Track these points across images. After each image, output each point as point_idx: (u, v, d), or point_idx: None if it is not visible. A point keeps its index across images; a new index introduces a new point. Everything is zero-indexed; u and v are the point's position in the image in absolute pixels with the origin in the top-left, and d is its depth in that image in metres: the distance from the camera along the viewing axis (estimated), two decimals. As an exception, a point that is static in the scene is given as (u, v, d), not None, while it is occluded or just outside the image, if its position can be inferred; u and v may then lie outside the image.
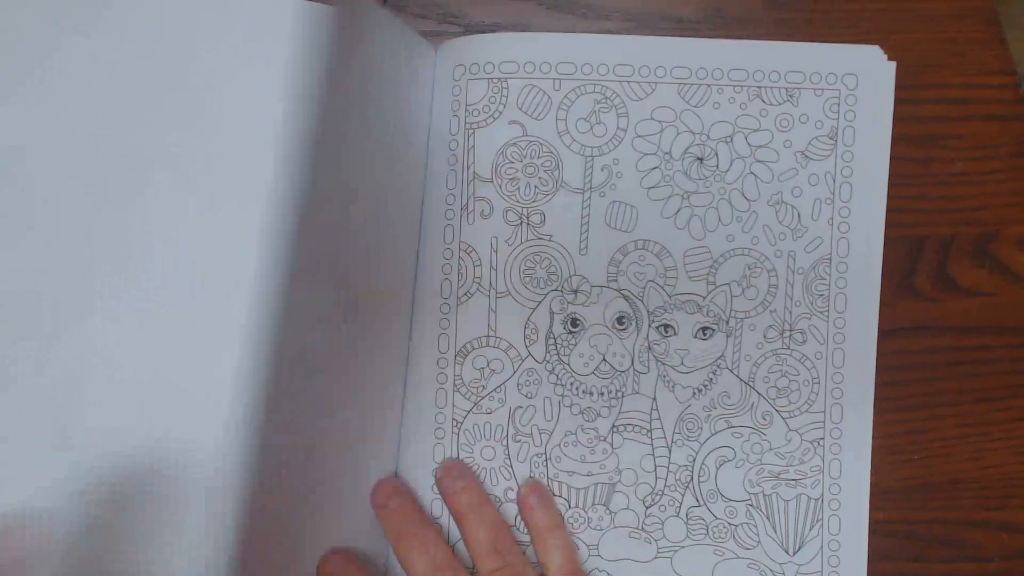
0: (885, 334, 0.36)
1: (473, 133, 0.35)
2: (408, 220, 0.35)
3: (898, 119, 0.35)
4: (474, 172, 0.35)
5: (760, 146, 0.35)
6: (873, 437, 0.35)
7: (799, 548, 0.35)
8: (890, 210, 0.35)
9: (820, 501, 0.35)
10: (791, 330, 0.35)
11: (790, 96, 0.35)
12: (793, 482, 0.35)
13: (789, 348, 0.35)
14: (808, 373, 0.35)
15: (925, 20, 0.37)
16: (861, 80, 0.35)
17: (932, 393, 0.37)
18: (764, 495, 0.35)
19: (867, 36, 0.34)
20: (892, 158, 0.35)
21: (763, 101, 0.35)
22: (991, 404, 0.37)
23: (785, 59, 0.35)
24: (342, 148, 0.32)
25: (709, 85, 0.35)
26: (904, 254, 0.37)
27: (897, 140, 0.36)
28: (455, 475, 0.34)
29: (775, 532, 0.35)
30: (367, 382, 0.33)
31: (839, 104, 0.35)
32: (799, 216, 0.35)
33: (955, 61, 0.37)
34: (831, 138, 0.35)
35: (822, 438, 0.35)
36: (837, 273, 0.35)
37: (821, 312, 0.35)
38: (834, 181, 0.35)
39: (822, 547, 0.35)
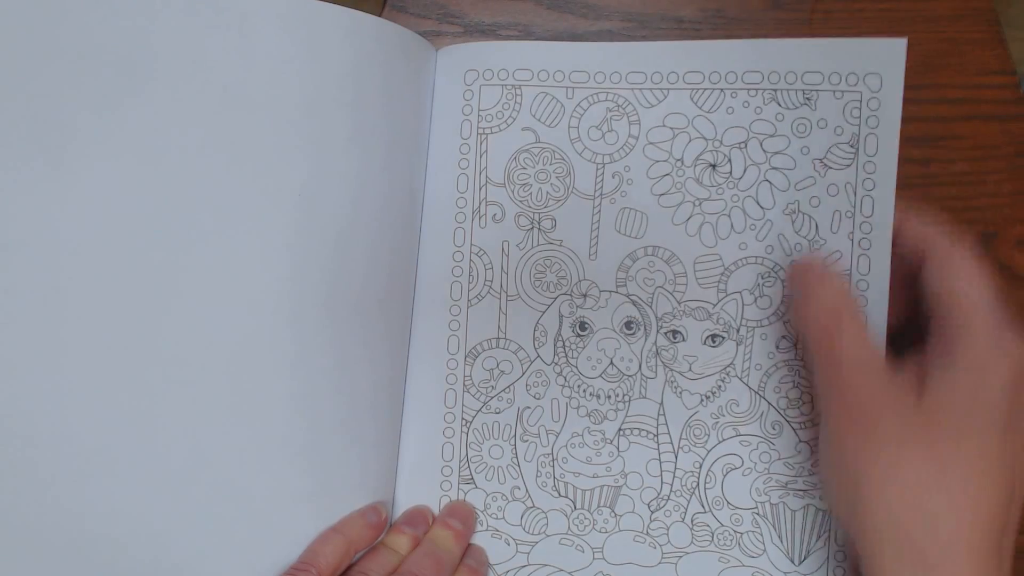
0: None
1: (486, 138, 0.36)
2: (409, 219, 0.36)
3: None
4: (486, 176, 0.36)
5: (776, 152, 0.35)
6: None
7: (805, 558, 0.35)
8: (891, 210, 0.35)
9: (829, 513, 0.35)
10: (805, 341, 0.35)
11: (807, 99, 0.35)
12: (801, 492, 0.35)
13: (802, 360, 0.35)
14: None
15: (925, 20, 0.37)
16: (886, 81, 0.34)
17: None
18: (771, 504, 0.35)
19: (868, 37, 0.34)
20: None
21: (779, 105, 0.35)
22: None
23: (802, 58, 0.34)
24: (343, 148, 0.33)
25: (722, 89, 0.35)
26: (904, 254, 0.37)
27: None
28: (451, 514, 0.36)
29: (781, 541, 0.35)
30: (365, 384, 0.34)
31: (861, 108, 0.34)
32: (817, 227, 0.34)
33: (955, 61, 0.37)
34: (852, 146, 0.34)
35: None
36: (857, 291, 0.34)
37: None
38: (855, 194, 0.34)
39: (828, 558, 0.35)
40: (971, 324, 0.27)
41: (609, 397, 0.36)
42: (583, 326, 0.36)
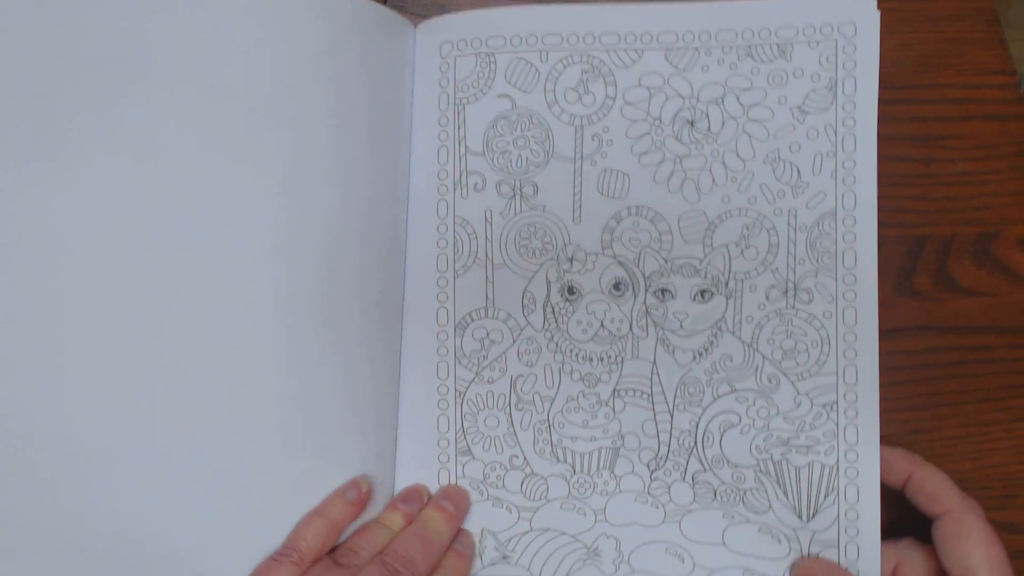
0: (885, 334, 0.35)
1: (463, 108, 0.36)
2: (394, 194, 0.36)
3: (898, 119, 0.35)
4: (466, 147, 0.36)
5: (753, 105, 0.35)
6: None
7: (814, 515, 0.34)
8: (891, 210, 0.35)
9: (835, 469, 0.34)
10: (796, 289, 0.35)
11: (782, 52, 0.35)
12: (804, 448, 0.34)
13: (794, 308, 0.35)
14: (817, 333, 0.35)
15: (925, 20, 0.37)
16: (860, 28, 0.34)
17: (932, 393, 0.37)
18: (773, 461, 0.35)
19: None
20: (893, 158, 0.35)
21: (754, 59, 0.35)
22: (991, 404, 0.37)
23: (775, 16, 0.35)
24: (326, 128, 0.33)
25: (697, 48, 0.35)
26: (904, 254, 0.37)
27: (898, 140, 0.36)
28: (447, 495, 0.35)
29: (787, 497, 0.35)
30: (362, 367, 0.34)
31: (836, 54, 0.34)
32: (799, 172, 0.35)
33: (955, 61, 0.37)
34: (829, 89, 0.34)
35: (835, 401, 0.34)
36: (844, 227, 0.34)
37: (828, 269, 0.35)
38: (835, 133, 0.34)
39: (839, 516, 0.34)
40: None
41: (602, 359, 0.36)
42: (571, 290, 0.36)
